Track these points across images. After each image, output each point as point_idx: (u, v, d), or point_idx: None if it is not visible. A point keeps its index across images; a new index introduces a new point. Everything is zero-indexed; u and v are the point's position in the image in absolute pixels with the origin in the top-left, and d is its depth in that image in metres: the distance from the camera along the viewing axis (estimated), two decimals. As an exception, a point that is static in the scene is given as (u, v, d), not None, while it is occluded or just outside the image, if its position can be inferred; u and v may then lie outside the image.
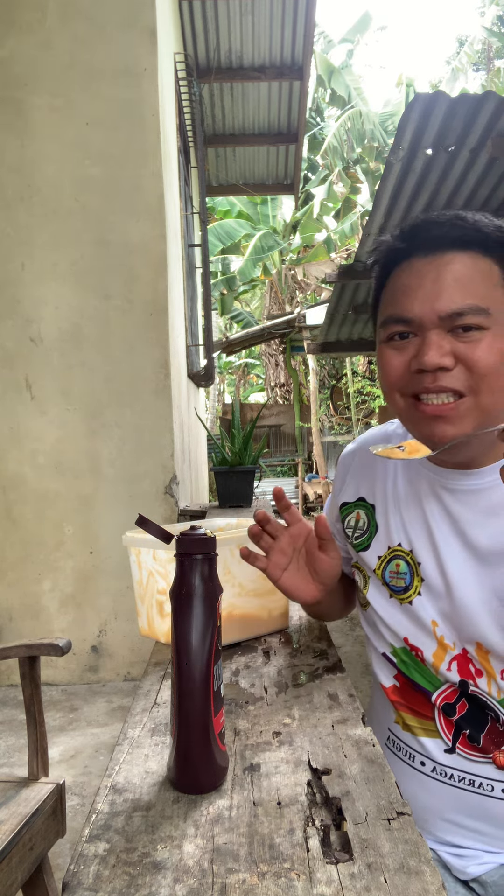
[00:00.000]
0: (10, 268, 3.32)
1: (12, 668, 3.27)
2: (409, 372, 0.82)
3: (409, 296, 0.80)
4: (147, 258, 3.34)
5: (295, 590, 0.95)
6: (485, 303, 0.78)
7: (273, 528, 0.94)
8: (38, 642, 1.50)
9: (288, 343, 12.99)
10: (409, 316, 0.80)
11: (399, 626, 0.93)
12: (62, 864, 1.83)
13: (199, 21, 4.81)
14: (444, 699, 0.89)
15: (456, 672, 0.88)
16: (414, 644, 0.91)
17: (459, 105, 3.14)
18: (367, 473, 1.02)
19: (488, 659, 0.85)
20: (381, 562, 0.95)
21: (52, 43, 3.30)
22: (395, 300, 0.83)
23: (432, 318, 0.79)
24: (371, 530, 0.98)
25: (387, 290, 0.85)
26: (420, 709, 0.91)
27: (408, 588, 0.91)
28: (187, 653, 0.68)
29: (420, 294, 0.79)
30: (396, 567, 0.93)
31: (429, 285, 0.79)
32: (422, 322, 0.79)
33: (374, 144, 12.16)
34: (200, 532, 0.72)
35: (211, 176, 6.83)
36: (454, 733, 0.89)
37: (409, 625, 0.92)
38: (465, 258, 0.79)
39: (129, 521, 3.29)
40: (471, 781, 0.87)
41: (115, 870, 0.55)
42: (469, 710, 0.88)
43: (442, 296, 0.78)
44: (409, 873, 0.53)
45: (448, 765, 0.89)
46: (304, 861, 0.55)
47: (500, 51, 16.68)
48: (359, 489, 1.02)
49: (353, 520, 1.02)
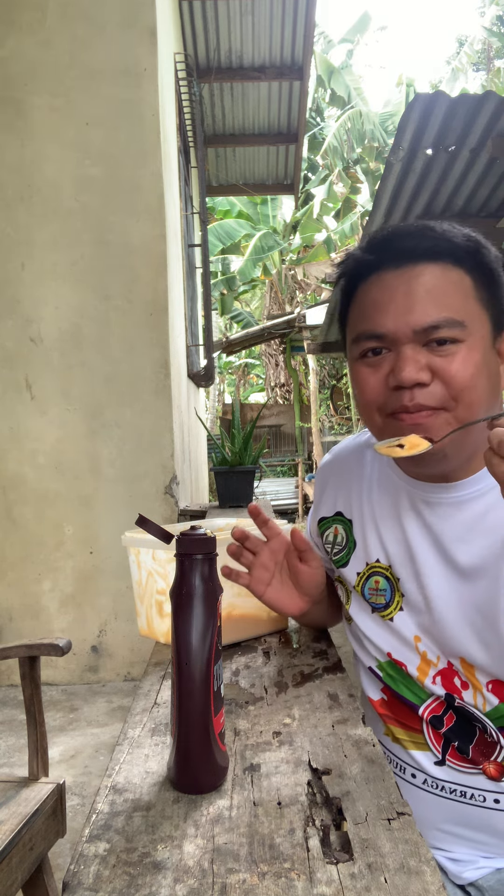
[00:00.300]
0: (10, 268, 3.32)
1: (12, 668, 3.27)
2: (386, 389, 0.79)
3: (381, 310, 0.78)
4: (147, 258, 3.34)
5: (280, 604, 0.95)
6: (459, 315, 0.76)
7: (252, 544, 0.93)
8: (38, 642, 1.50)
9: (288, 343, 12.99)
10: (381, 331, 0.78)
11: (382, 641, 0.91)
12: (62, 864, 1.83)
13: (199, 21, 4.81)
14: (431, 712, 0.88)
15: (441, 686, 0.87)
16: (398, 659, 0.90)
17: (459, 105, 3.14)
18: (343, 487, 1.00)
19: (473, 672, 0.84)
20: (360, 578, 0.94)
21: (52, 43, 3.30)
22: (366, 315, 0.80)
23: (406, 332, 0.77)
24: (349, 546, 0.96)
25: (356, 305, 0.83)
26: (408, 722, 0.90)
27: (388, 604, 0.90)
28: (187, 653, 0.68)
29: (392, 308, 0.77)
30: (376, 584, 0.92)
31: (400, 299, 0.77)
32: (396, 337, 0.77)
33: (374, 144, 12.17)
34: (200, 532, 0.72)
35: (211, 176, 6.83)
36: (443, 745, 0.88)
37: (392, 640, 0.90)
38: (436, 269, 0.77)
39: (129, 521, 3.29)
40: (462, 793, 0.86)
41: (115, 870, 0.55)
42: (456, 723, 0.87)
43: (415, 309, 0.76)
44: (410, 873, 0.53)
45: (439, 777, 0.88)
46: (305, 861, 0.55)
47: (500, 51, 16.69)
48: (336, 503, 1.00)
49: (331, 535, 1.00)
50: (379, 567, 0.92)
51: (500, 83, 15.09)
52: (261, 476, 3.40)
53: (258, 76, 5.29)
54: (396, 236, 0.80)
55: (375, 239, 0.82)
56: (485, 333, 0.79)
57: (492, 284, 0.80)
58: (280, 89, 5.55)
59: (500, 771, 0.85)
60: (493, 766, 0.85)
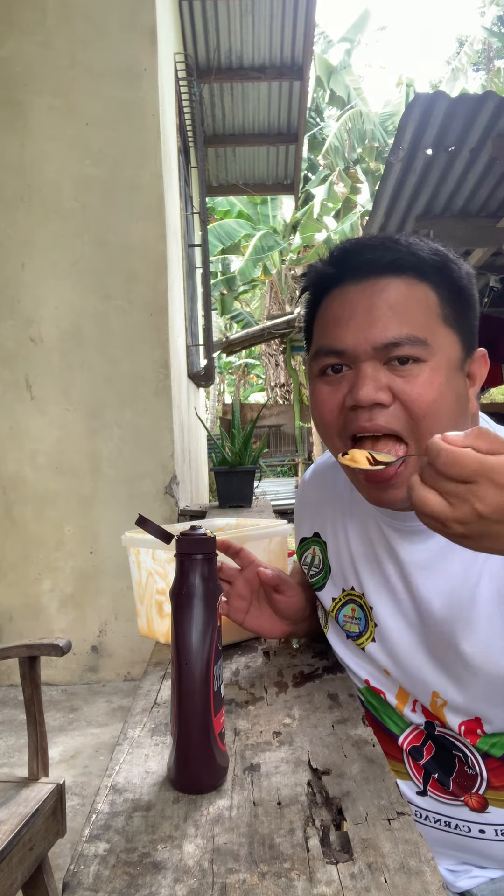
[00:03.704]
0: (10, 268, 3.32)
1: (12, 668, 3.27)
2: (344, 410, 0.75)
3: (342, 325, 0.74)
4: (147, 258, 3.34)
5: (261, 630, 0.95)
6: (422, 332, 0.72)
7: (227, 574, 0.93)
8: (38, 642, 1.50)
9: (288, 343, 12.98)
10: (340, 347, 0.74)
11: (359, 668, 0.90)
12: (62, 864, 1.83)
13: (199, 21, 4.81)
14: (411, 742, 0.86)
15: (421, 713, 0.84)
16: (376, 686, 0.88)
17: (459, 105, 3.14)
18: (319, 508, 0.97)
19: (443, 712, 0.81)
20: (336, 604, 0.92)
21: (52, 43, 3.30)
22: (326, 330, 0.77)
23: (366, 348, 0.73)
24: (325, 570, 0.94)
25: (318, 320, 0.79)
26: (390, 750, 0.88)
27: (362, 633, 0.87)
28: (187, 653, 0.68)
29: (353, 323, 0.73)
30: (352, 612, 0.89)
31: (361, 314, 0.73)
32: (355, 353, 0.73)
33: (375, 144, 12.17)
34: (200, 532, 0.72)
35: (211, 176, 6.83)
36: (424, 776, 0.86)
37: (369, 668, 0.89)
38: (400, 284, 0.73)
39: (129, 521, 3.28)
40: (447, 823, 0.85)
41: (115, 870, 0.55)
42: (436, 754, 0.85)
43: (376, 325, 0.72)
44: (410, 873, 0.53)
45: (423, 807, 0.86)
46: (304, 861, 0.55)
47: (500, 51, 16.69)
48: (313, 524, 0.98)
49: (309, 556, 0.98)
50: (353, 595, 0.89)
51: (500, 83, 15.10)
52: (261, 476, 3.40)
53: (258, 76, 5.29)
54: (358, 249, 0.76)
55: (337, 251, 0.78)
56: (451, 354, 0.75)
57: (460, 302, 0.77)
58: (280, 89, 5.55)
59: (482, 803, 0.82)
60: (475, 798, 0.83)
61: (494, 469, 0.53)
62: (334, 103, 12.80)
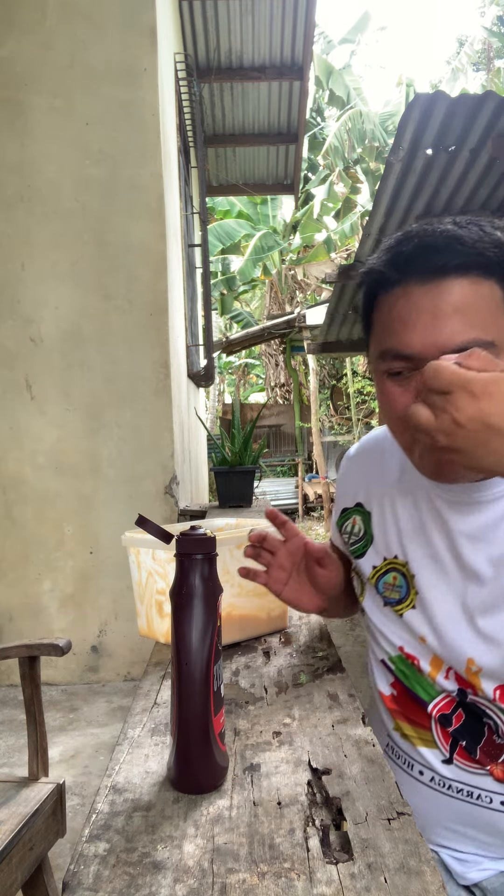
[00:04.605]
0: (10, 268, 3.32)
1: (12, 668, 3.27)
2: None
3: (408, 329, 0.75)
4: (147, 258, 3.34)
5: (298, 602, 0.95)
6: (489, 334, 0.73)
7: (270, 545, 0.93)
8: (38, 642, 1.50)
9: (288, 343, 12.98)
10: (408, 352, 0.75)
11: (393, 635, 0.92)
12: (62, 864, 1.83)
13: (199, 21, 4.81)
14: (441, 710, 0.88)
15: (454, 681, 0.86)
16: (410, 653, 0.90)
17: (459, 105, 3.14)
18: (365, 478, 1.00)
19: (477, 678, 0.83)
20: (376, 572, 0.94)
21: (52, 43, 3.30)
22: (391, 331, 0.77)
23: (433, 353, 0.73)
24: (367, 539, 0.97)
25: (380, 316, 0.79)
26: (417, 718, 0.90)
27: (402, 600, 0.90)
28: (187, 653, 0.68)
29: (419, 327, 0.74)
30: (393, 579, 0.92)
31: (428, 318, 0.73)
32: (423, 357, 0.74)
33: (375, 144, 12.16)
34: (200, 532, 0.72)
35: (211, 176, 6.83)
36: (451, 744, 0.87)
37: (405, 635, 0.90)
38: (466, 284, 0.73)
39: (129, 521, 3.28)
40: (469, 793, 0.86)
41: (115, 870, 0.55)
42: (465, 722, 0.86)
43: (444, 330, 0.73)
44: (410, 873, 0.53)
45: (447, 776, 0.87)
46: (304, 861, 0.55)
47: (500, 51, 16.68)
48: (357, 494, 1.01)
49: (350, 525, 1.01)
50: (396, 563, 0.92)
51: (500, 83, 15.09)
52: (261, 476, 3.40)
53: (258, 76, 5.29)
54: (424, 252, 0.74)
55: (401, 255, 0.76)
56: None
57: None
58: (280, 89, 5.55)
59: None
60: (501, 767, 0.84)
61: (470, 381, 0.58)
62: (334, 103, 12.79)
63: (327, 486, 9.89)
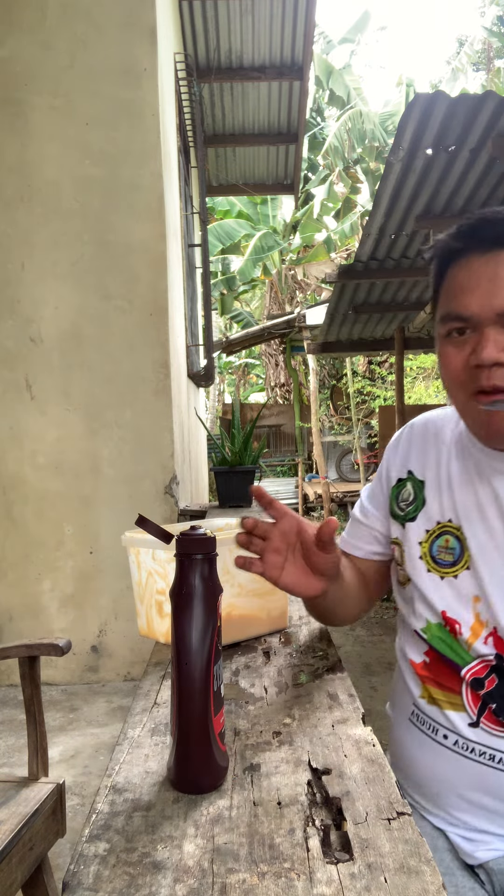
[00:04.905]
0: (10, 268, 3.32)
1: (12, 668, 3.27)
2: (468, 368, 0.85)
3: (467, 293, 0.83)
4: (147, 258, 3.34)
5: (296, 587, 0.92)
6: None
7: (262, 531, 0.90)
8: (38, 642, 1.50)
9: (288, 343, 12.98)
10: (466, 314, 0.83)
11: (439, 600, 0.94)
12: (62, 864, 1.83)
13: (199, 21, 4.81)
14: (474, 674, 0.91)
15: (493, 646, 0.89)
16: (452, 618, 0.93)
17: (459, 105, 3.14)
18: (420, 450, 1.05)
19: None
20: (430, 535, 0.97)
21: (52, 43, 3.30)
22: (452, 297, 0.86)
23: (490, 315, 0.81)
24: (418, 503, 1.00)
25: (444, 287, 0.88)
26: (448, 683, 0.93)
27: (455, 563, 0.94)
28: (187, 653, 0.68)
29: (478, 292, 0.82)
30: (446, 542, 0.96)
31: (486, 283, 0.82)
32: (479, 319, 0.82)
33: (375, 144, 12.16)
34: (200, 532, 0.72)
35: (211, 176, 6.83)
36: (480, 707, 0.90)
37: (450, 598, 0.93)
38: None
39: (129, 521, 3.27)
40: (491, 756, 0.88)
41: (115, 870, 0.55)
42: (497, 686, 0.89)
43: (499, 293, 0.81)
44: (409, 873, 0.53)
45: (472, 738, 0.90)
46: (304, 861, 0.55)
47: (500, 51, 16.68)
48: (407, 463, 1.05)
49: (405, 493, 1.04)
50: (450, 526, 0.96)
51: (500, 83, 15.09)
52: (261, 476, 3.40)
53: (258, 76, 5.29)
54: (483, 224, 0.84)
55: (464, 227, 0.86)
56: None
57: None
58: (280, 89, 5.55)
59: None
60: None
61: None
62: (334, 103, 12.79)
63: (327, 485, 9.89)
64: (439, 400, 11.32)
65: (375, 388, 11.46)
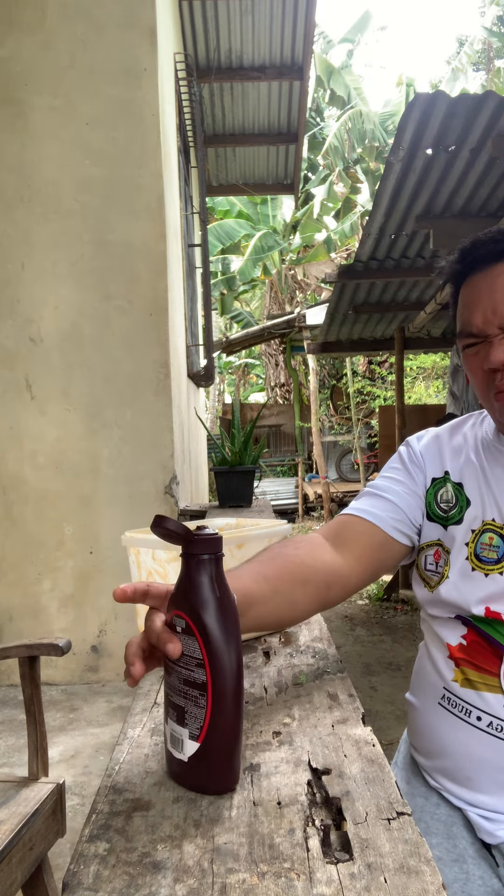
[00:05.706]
0: (10, 268, 3.32)
1: (12, 668, 3.27)
2: (484, 373, 0.94)
3: (472, 310, 0.93)
4: (147, 258, 3.34)
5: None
6: None
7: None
8: (38, 642, 1.50)
9: (288, 343, 12.98)
10: (473, 330, 0.93)
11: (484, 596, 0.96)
12: (62, 864, 1.83)
13: (199, 21, 4.81)
14: None
15: None
16: (496, 611, 0.95)
17: (459, 105, 3.13)
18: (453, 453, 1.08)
19: None
20: (475, 535, 1.00)
21: (52, 43, 3.30)
22: (462, 315, 0.96)
23: (492, 328, 0.91)
24: (461, 504, 1.03)
25: (458, 306, 0.98)
26: (485, 665, 0.95)
27: (500, 560, 0.97)
28: (219, 653, 0.65)
29: (480, 307, 0.91)
30: (489, 540, 0.99)
31: (486, 298, 0.91)
32: (485, 332, 0.92)
33: (375, 144, 12.16)
34: (210, 531, 0.70)
35: (211, 176, 6.83)
36: None
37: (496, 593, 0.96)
38: None
39: (129, 521, 3.29)
40: None
41: (115, 870, 0.55)
42: None
43: (498, 307, 0.89)
44: (409, 873, 0.53)
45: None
46: (304, 861, 0.55)
47: (500, 51, 16.68)
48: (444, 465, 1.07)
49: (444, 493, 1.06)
50: (493, 525, 0.99)
51: (500, 83, 15.09)
52: (261, 476, 3.40)
53: (258, 76, 5.29)
54: (475, 245, 0.93)
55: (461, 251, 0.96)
56: None
57: None
58: (280, 89, 5.55)
59: None
60: None
61: None
62: (334, 103, 12.78)
63: (327, 485, 9.89)
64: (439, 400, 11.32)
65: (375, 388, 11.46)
